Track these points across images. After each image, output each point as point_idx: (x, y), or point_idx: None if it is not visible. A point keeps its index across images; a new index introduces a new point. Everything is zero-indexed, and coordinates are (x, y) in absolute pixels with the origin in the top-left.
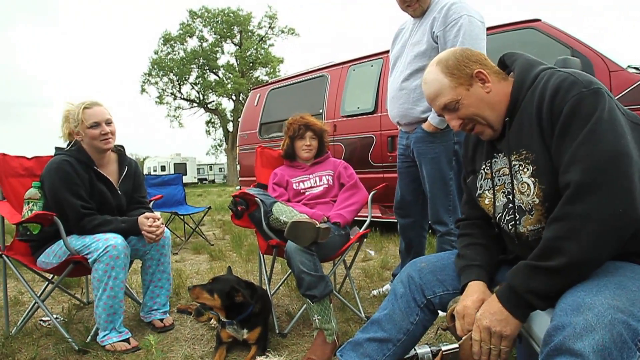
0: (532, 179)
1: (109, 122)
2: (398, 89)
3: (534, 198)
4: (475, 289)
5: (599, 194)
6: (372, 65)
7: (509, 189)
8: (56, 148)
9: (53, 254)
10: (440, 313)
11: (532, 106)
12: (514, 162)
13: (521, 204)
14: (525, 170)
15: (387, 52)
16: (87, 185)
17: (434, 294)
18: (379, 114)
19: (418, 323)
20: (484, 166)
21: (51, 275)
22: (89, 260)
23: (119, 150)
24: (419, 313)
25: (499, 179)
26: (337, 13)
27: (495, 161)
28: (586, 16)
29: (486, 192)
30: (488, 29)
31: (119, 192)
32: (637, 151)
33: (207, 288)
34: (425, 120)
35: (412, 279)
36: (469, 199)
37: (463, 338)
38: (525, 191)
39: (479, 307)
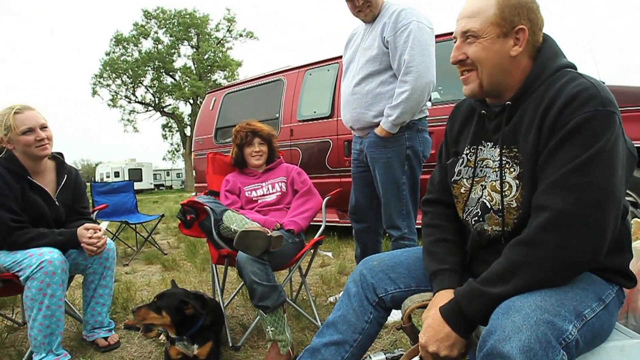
0: (517, 181)
1: (43, 127)
2: (350, 93)
3: (511, 200)
4: (445, 298)
5: (577, 230)
6: (328, 70)
7: (489, 184)
8: None
9: None
10: (393, 311)
11: (540, 103)
12: (502, 157)
13: (492, 203)
14: (512, 170)
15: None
16: (19, 197)
17: (385, 292)
18: (336, 119)
19: (373, 321)
20: (467, 151)
21: None
22: (21, 278)
23: (57, 158)
24: (372, 311)
25: (480, 170)
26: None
27: (481, 149)
28: (585, 16)
29: (464, 180)
30: (444, 35)
31: (57, 202)
32: (623, 187)
33: (153, 307)
34: (377, 124)
35: (364, 277)
36: (442, 180)
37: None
38: (506, 191)
39: None
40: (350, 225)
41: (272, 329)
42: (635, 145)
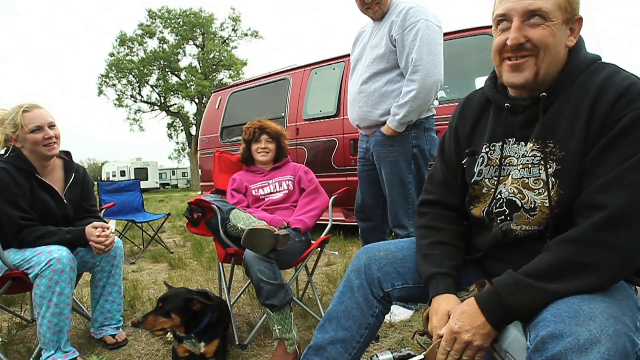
0: (553, 179)
1: (52, 126)
2: (357, 91)
3: (545, 199)
4: (444, 304)
5: (634, 229)
6: (334, 69)
7: (519, 181)
8: None
9: None
10: (400, 310)
11: (584, 97)
12: (537, 153)
13: (524, 201)
14: (548, 167)
15: (349, 55)
16: (28, 195)
17: (392, 287)
18: (342, 117)
19: (378, 314)
20: (486, 149)
21: None
22: (30, 276)
23: (65, 157)
24: (377, 305)
25: (504, 169)
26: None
27: (505, 147)
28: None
29: (486, 180)
30: (452, 33)
31: (65, 201)
32: None
33: (161, 312)
34: (384, 123)
35: (369, 269)
36: (445, 180)
37: (427, 349)
38: (540, 189)
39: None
40: (356, 224)
41: (279, 327)
42: None
